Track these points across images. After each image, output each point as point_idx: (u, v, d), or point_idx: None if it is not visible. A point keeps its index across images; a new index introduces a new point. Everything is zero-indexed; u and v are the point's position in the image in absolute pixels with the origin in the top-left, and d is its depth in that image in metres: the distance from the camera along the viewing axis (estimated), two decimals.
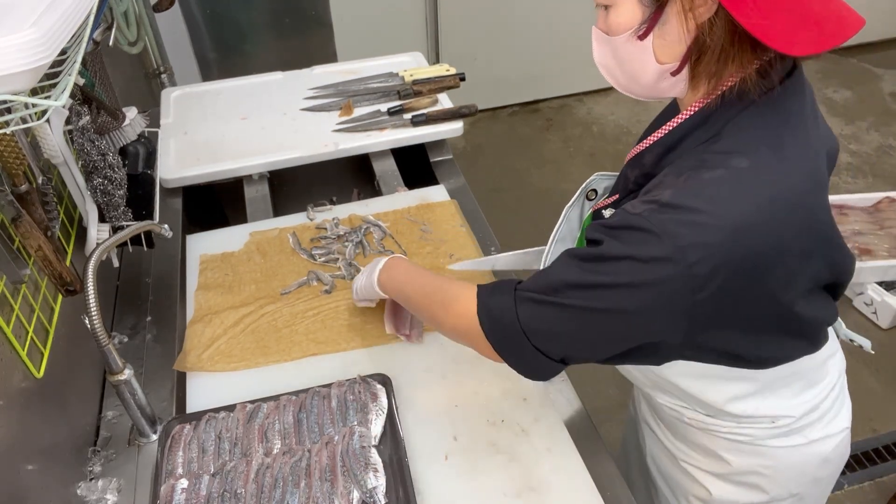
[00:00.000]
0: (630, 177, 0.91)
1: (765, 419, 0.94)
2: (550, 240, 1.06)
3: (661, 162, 0.84)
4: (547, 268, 0.84)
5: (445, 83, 1.84)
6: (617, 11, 0.78)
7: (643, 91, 0.85)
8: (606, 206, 0.99)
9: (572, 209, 1.08)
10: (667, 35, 0.76)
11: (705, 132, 0.79)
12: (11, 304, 0.93)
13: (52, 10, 0.68)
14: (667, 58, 0.78)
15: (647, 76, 0.81)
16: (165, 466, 1.00)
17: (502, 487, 0.99)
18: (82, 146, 1.13)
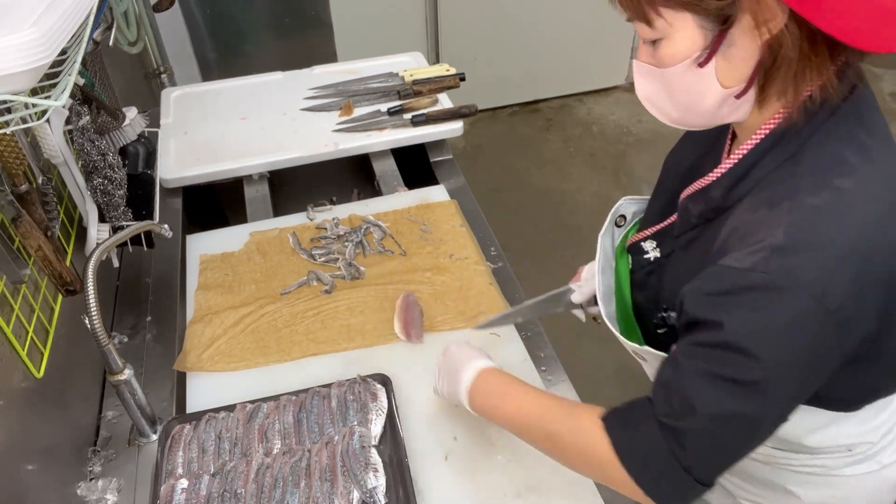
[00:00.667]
0: (693, 211, 0.83)
1: (841, 448, 0.88)
2: (596, 273, 0.98)
3: (731, 193, 0.77)
4: (673, 376, 0.74)
5: (445, 83, 1.84)
6: (672, 42, 0.70)
7: (700, 120, 0.78)
8: (646, 238, 0.94)
9: (605, 237, 1.01)
10: (733, 56, 0.69)
11: (780, 154, 0.73)
12: (11, 304, 0.92)
13: (52, 10, 0.68)
14: (732, 81, 0.71)
15: (707, 104, 0.74)
16: (165, 466, 1.00)
17: (502, 487, 0.98)
18: (82, 146, 1.13)
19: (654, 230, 0.94)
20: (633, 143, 3.62)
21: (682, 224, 0.86)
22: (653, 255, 0.93)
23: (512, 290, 1.34)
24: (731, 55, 0.69)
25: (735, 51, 0.68)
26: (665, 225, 0.92)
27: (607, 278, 0.99)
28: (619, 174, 3.39)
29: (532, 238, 3.01)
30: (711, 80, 0.71)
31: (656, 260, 0.92)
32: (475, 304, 1.28)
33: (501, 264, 1.40)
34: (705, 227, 0.81)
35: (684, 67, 0.71)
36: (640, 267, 0.95)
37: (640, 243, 0.95)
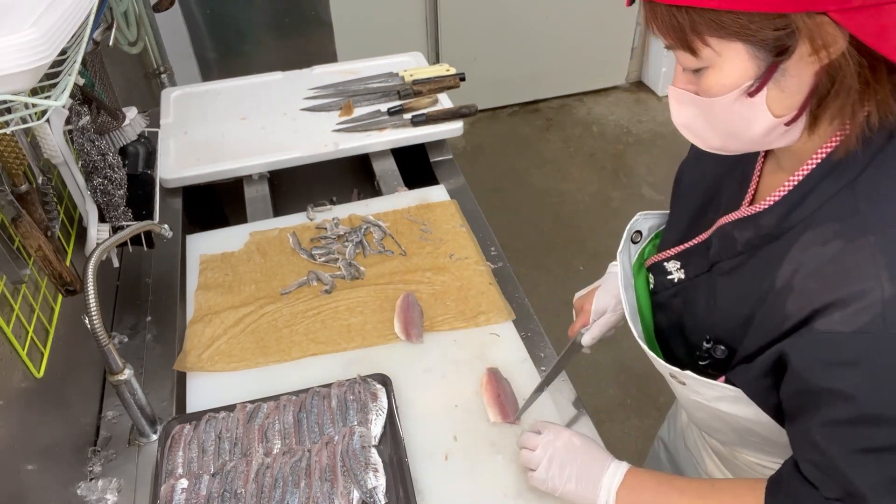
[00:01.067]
0: (739, 238, 0.79)
1: None
2: (621, 291, 0.93)
3: (784, 223, 0.74)
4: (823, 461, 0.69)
5: (445, 83, 1.84)
6: (719, 71, 0.66)
7: (743, 146, 0.74)
8: (669, 259, 0.91)
9: (622, 254, 0.98)
10: (786, 85, 0.65)
11: (837, 181, 0.70)
12: (11, 304, 0.93)
13: (52, 10, 0.68)
14: (783, 109, 0.67)
15: (754, 132, 0.70)
16: (165, 466, 1.00)
17: (502, 487, 0.99)
18: (82, 146, 1.13)
19: (677, 251, 0.90)
20: (633, 143, 3.62)
21: (723, 250, 0.82)
22: (676, 277, 0.89)
23: (512, 290, 1.34)
24: (784, 84, 0.65)
25: (789, 79, 0.65)
26: (690, 245, 0.88)
27: (631, 296, 0.95)
28: (618, 174, 3.39)
29: (532, 238, 3.01)
30: (761, 110, 0.67)
31: (680, 282, 0.89)
32: (475, 304, 1.28)
33: (501, 264, 1.40)
34: (752, 254, 0.78)
35: (733, 97, 0.67)
36: (663, 288, 0.92)
37: (662, 263, 0.91)
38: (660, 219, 1.01)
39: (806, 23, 0.60)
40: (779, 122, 0.68)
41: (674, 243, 0.91)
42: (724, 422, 0.87)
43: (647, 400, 2.30)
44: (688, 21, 0.64)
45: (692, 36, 0.65)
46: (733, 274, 0.81)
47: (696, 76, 0.69)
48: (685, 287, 0.88)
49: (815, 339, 0.67)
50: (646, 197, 3.22)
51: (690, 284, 0.88)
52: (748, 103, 0.67)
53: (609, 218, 3.08)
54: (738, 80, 0.66)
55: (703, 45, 0.65)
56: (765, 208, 0.76)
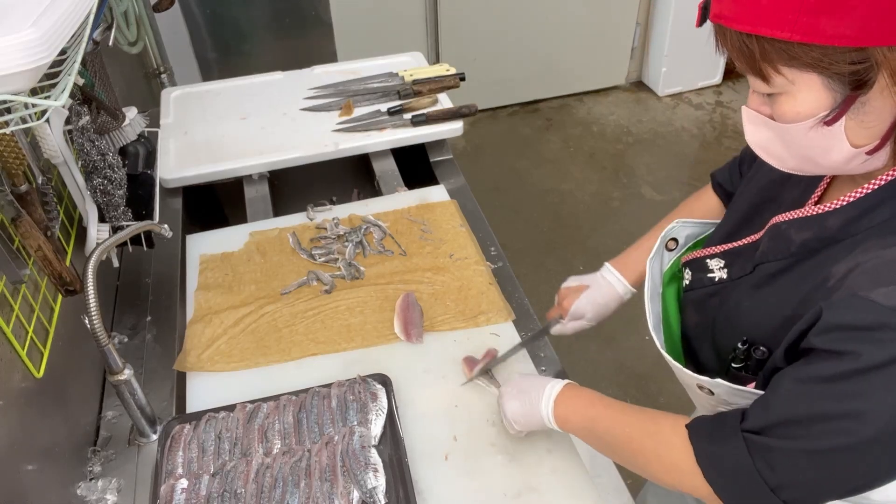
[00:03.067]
0: (795, 238, 0.76)
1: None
2: (646, 301, 0.91)
3: (850, 227, 0.71)
4: (774, 395, 0.70)
5: (445, 83, 1.84)
6: (793, 99, 0.64)
7: (821, 171, 0.72)
8: (713, 255, 0.88)
9: (653, 262, 0.95)
10: (866, 116, 0.63)
11: None
12: (11, 304, 0.92)
13: (52, 10, 0.68)
14: (863, 139, 0.65)
15: (833, 160, 0.67)
16: (165, 466, 1.00)
17: (502, 487, 0.99)
18: (82, 146, 1.13)
19: (723, 248, 0.87)
20: (633, 143, 3.62)
21: (774, 250, 0.79)
22: (718, 276, 0.87)
23: (512, 289, 1.34)
24: (864, 115, 0.63)
25: (869, 110, 0.63)
26: (740, 244, 0.86)
27: (656, 306, 0.93)
28: (618, 174, 3.39)
29: (532, 238, 3.01)
30: (840, 139, 0.65)
31: (721, 281, 0.86)
32: (475, 304, 1.28)
33: (501, 264, 1.40)
34: (805, 258, 0.75)
35: (808, 125, 0.65)
36: (700, 286, 0.89)
37: (704, 260, 0.89)
38: (699, 228, 0.99)
39: (886, 56, 0.59)
40: (859, 151, 0.66)
41: (721, 241, 0.89)
42: None
43: (647, 400, 2.30)
44: (758, 49, 0.62)
45: (763, 64, 0.63)
46: (779, 276, 0.78)
47: (770, 100, 0.67)
48: (725, 287, 0.86)
49: (837, 305, 0.65)
50: (646, 197, 3.22)
51: (732, 285, 0.85)
52: (825, 132, 0.65)
53: (609, 218, 3.08)
54: (813, 110, 0.64)
55: (775, 73, 0.63)
56: (834, 208, 0.73)
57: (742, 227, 0.88)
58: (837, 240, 0.72)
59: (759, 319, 0.79)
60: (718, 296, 0.87)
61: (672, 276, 0.96)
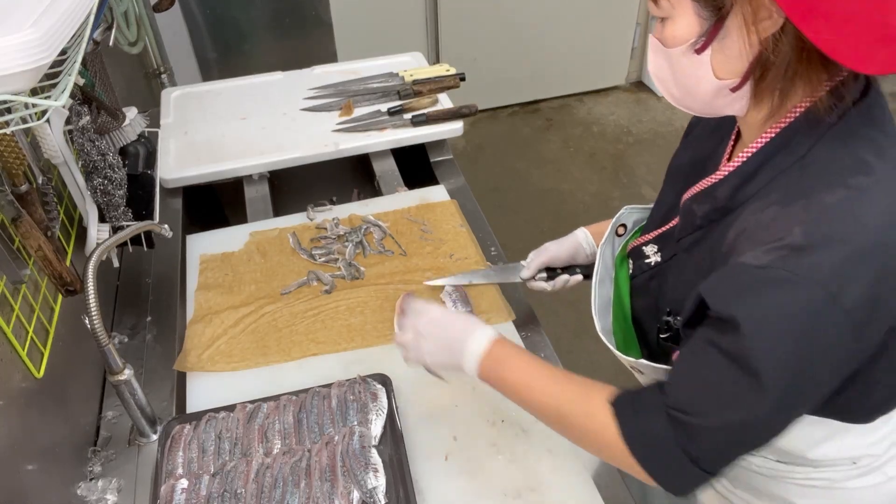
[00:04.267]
0: (697, 212, 0.82)
1: (845, 461, 0.87)
2: (592, 285, 0.98)
3: (738, 194, 0.76)
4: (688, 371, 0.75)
5: (445, 83, 1.84)
6: (674, 24, 0.72)
7: (699, 106, 0.78)
8: (647, 242, 0.94)
9: (605, 247, 1.01)
10: (727, 50, 0.69)
11: (789, 156, 0.72)
12: (11, 304, 0.93)
13: (52, 10, 0.68)
14: (726, 73, 0.71)
15: (703, 91, 0.74)
16: (165, 466, 1.00)
17: (502, 487, 0.99)
18: (82, 146, 1.13)
19: (655, 234, 0.93)
20: (633, 143, 3.62)
21: (685, 226, 0.85)
22: (654, 260, 0.92)
23: (512, 289, 1.34)
24: (725, 47, 0.69)
25: (730, 44, 0.69)
26: (667, 228, 0.91)
27: (605, 290, 0.98)
28: (619, 174, 3.39)
29: (532, 238, 2.99)
30: (707, 69, 0.72)
31: (657, 264, 0.92)
32: (475, 304, 1.28)
33: (501, 264, 1.40)
34: (710, 228, 0.80)
35: (683, 51, 0.72)
36: (640, 272, 0.94)
37: (641, 248, 0.94)
38: (644, 213, 1.03)
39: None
40: (722, 85, 0.72)
41: (654, 227, 0.94)
42: None
43: None
44: None
45: None
46: (693, 249, 0.83)
47: (662, 27, 0.74)
48: (661, 269, 0.91)
49: (722, 272, 0.70)
50: (646, 197, 3.21)
51: (665, 266, 0.90)
52: (696, 60, 0.72)
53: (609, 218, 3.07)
54: (686, 35, 0.71)
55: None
56: (719, 180, 0.79)
57: (670, 211, 0.92)
58: (730, 209, 0.77)
59: (681, 292, 0.83)
60: (656, 278, 0.92)
61: (622, 260, 1.00)
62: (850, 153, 0.69)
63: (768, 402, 0.67)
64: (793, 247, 0.64)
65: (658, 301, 0.90)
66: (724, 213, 0.78)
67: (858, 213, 0.65)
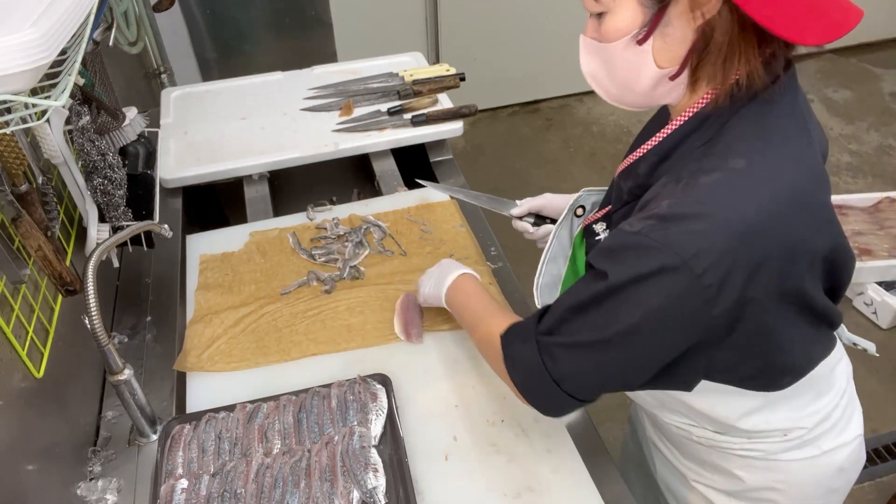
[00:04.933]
0: (624, 188, 0.88)
1: (776, 433, 0.92)
2: (541, 261, 1.05)
3: (656, 171, 0.81)
4: (559, 301, 0.83)
5: (445, 83, 1.84)
6: (614, 17, 0.74)
7: (637, 99, 0.81)
8: (597, 220, 0.98)
9: (562, 228, 1.06)
10: (668, 37, 0.72)
11: (700, 137, 0.76)
12: (11, 304, 0.92)
13: (52, 10, 0.68)
14: (667, 62, 0.74)
15: (643, 83, 0.77)
16: (165, 466, 1.00)
17: (502, 487, 0.99)
18: (82, 146, 1.13)
19: (603, 212, 0.98)
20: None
21: (616, 201, 0.91)
22: (602, 237, 0.97)
23: (512, 289, 1.34)
24: (667, 35, 0.72)
25: (671, 31, 0.72)
26: (611, 207, 0.95)
27: (556, 267, 1.05)
28: None
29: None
30: (648, 59, 0.75)
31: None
32: None
33: (501, 264, 1.40)
34: (634, 204, 0.84)
35: (624, 44, 0.75)
36: (591, 249, 0.99)
37: (591, 226, 0.99)
38: (601, 195, 1.07)
39: None
40: (663, 74, 0.75)
41: (603, 206, 0.99)
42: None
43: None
44: None
45: None
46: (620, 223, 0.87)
47: (598, 23, 0.77)
48: None
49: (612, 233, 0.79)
50: None
51: None
52: (637, 51, 0.74)
53: None
54: (628, 26, 0.73)
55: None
56: (638, 157, 0.84)
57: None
58: (648, 185, 0.81)
59: None
60: None
61: (581, 240, 1.04)
62: (743, 136, 0.74)
63: (614, 340, 0.75)
64: (658, 216, 0.71)
65: None
66: (644, 189, 0.82)
67: (725, 194, 0.70)
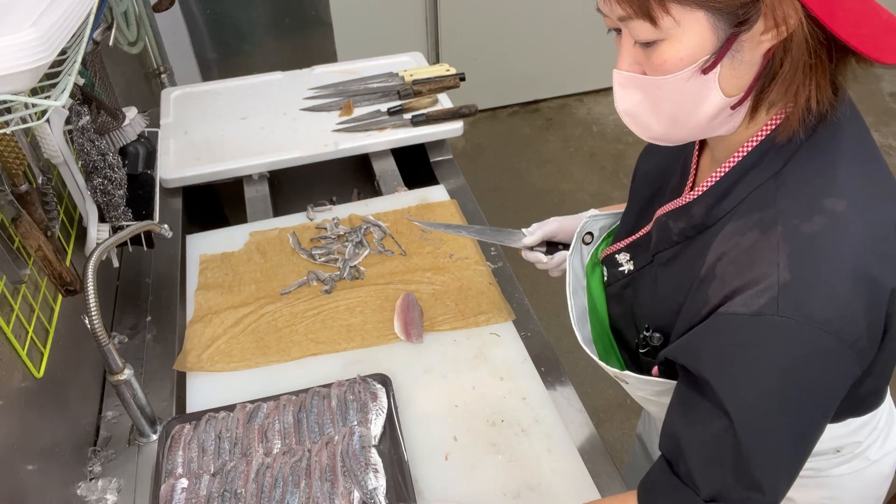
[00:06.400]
0: (674, 229, 0.80)
1: (829, 451, 0.88)
2: (567, 296, 0.95)
3: (713, 212, 0.74)
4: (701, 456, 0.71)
5: (445, 83, 1.84)
6: (675, 45, 0.64)
7: (686, 135, 0.73)
8: (620, 251, 0.93)
9: (573, 257, 0.99)
10: (738, 61, 0.64)
11: (764, 172, 0.70)
12: (11, 304, 0.92)
13: (52, 10, 0.68)
14: (733, 88, 0.66)
15: (701, 116, 0.68)
16: (165, 466, 1.00)
17: (502, 487, 0.98)
18: (82, 146, 1.13)
19: (627, 242, 0.92)
20: (633, 143, 3.62)
21: (661, 241, 0.83)
22: (626, 268, 0.91)
23: (512, 289, 1.34)
24: (738, 60, 0.64)
25: (742, 56, 0.64)
26: (638, 236, 0.90)
27: (579, 300, 0.97)
28: (618, 174, 3.39)
29: None
30: (713, 89, 0.66)
31: (630, 273, 0.91)
32: (475, 304, 1.28)
33: (501, 264, 1.40)
34: (687, 244, 0.79)
35: (686, 74, 0.65)
36: (615, 280, 0.94)
37: (614, 255, 0.94)
38: (611, 219, 1.02)
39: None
40: (728, 102, 0.67)
41: (625, 235, 0.93)
42: None
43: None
44: None
45: (654, 3, 0.62)
46: (670, 264, 0.82)
47: (647, 53, 0.66)
48: (634, 278, 0.90)
49: (716, 320, 0.68)
50: None
51: (639, 275, 0.89)
52: (701, 81, 0.65)
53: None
54: (695, 54, 0.64)
55: (665, 13, 0.62)
56: (694, 198, 0.77)
57: (640, 219, 0.91)
58: (706, 226, 0.75)
59: (659, 307, 0.83)
60: (631, 286, 0.91)
61: (594, 267, 1.00)
62: (822, 172, 0.68)
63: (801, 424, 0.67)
64: (780, 285, 0.63)
65: (634, 308, 0.90)
66: (700, 229, 0.77)
67: (838, 245, 0.64)
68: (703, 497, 0.69)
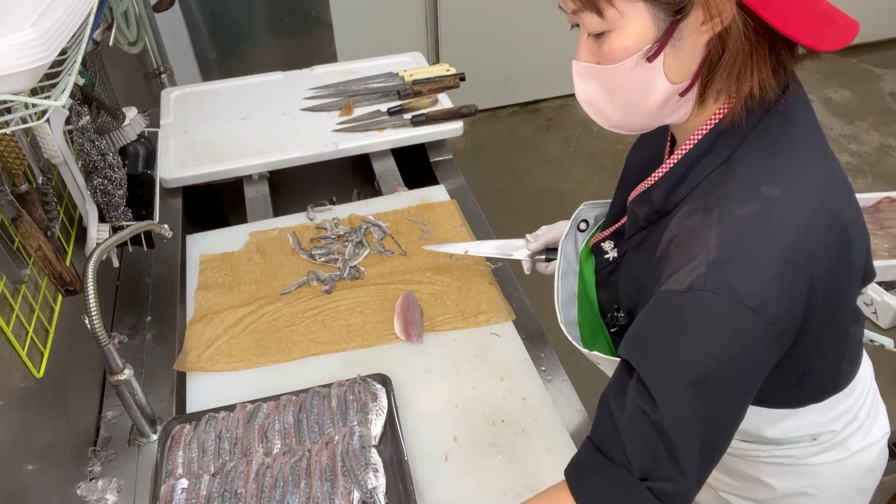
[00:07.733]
0: (639, 214, 0.84)
1: (805, 438, 0.90)
2: (555, 278, 1.00)
3: (671, 197, 0.78)
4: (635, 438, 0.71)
5: (445, 83, 1.84)
6: (620, 35, 0.69)
7: (641, 122, 0.77)
8: (605, 239, 0.96)
9: (567, 243, 1.03)
10: (681, 50, 0.68)
11: (716, 157, 0.73)
12: (11, 304, 0.92)
13: (52, 10, 0.68)
14: (678, 76, 0.70)
15: (651, 102, 0.72)
16: (165, 466, 1.00)
17: (502, 487, 0.98)
18: (82, 146, 1.13)
19: (610, 231, 0.96)
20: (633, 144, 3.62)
21: (630, 226, 0.88)
22: (611, 255, 0.95)
23: (512, 289, 1.34)
24: (679, 49, 0.68)
25: (683, 44, 0.68)
26: (619, 226, 0.94)
27: (569, 283, 1.01)
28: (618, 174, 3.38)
29: None
30: (658, 76, 0.70)
31: (615, 260, 0.95)
32: (475, 304, 1.28)
33: (501, 264, 1.40)
34: (652, 229, 0.82)
35: (633, 62, 0.70)
36: (601, 267, 0.98)
37: (600, 244, 0.98)
38: (605, 207, 1.05)
39: None
40: (674, 90, 0.71)
41: (610, 224, 0.97)
42: None
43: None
44: None
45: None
46: (638, 248, 0.87)
47: (599, 44, 0.71)
48: (618, 265, 0.94)
49: (654, 299, 0.71)
50: None
51: (621, 261, 0.93)
52: (647, 69, 0.70)
53: None
54: (638, 43, 0.68)
55: (609, 5, 0.67)
56: (652, 183, 0.81)
57: (622, 210, 0.94)
58: (666, 211, 0.79)
59: (628, 288, 0.88)
60: (615, 273, 0.94)
61: (588, 255, 1.02)
62: (763, 160, 0.71)
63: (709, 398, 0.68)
64: (709, 263, 0.66)
65: (618, 295, 0.93)
66: (661, 214, 0.80)
67: (769, 227, 0.67)
68: (636, 476, 0.70)
